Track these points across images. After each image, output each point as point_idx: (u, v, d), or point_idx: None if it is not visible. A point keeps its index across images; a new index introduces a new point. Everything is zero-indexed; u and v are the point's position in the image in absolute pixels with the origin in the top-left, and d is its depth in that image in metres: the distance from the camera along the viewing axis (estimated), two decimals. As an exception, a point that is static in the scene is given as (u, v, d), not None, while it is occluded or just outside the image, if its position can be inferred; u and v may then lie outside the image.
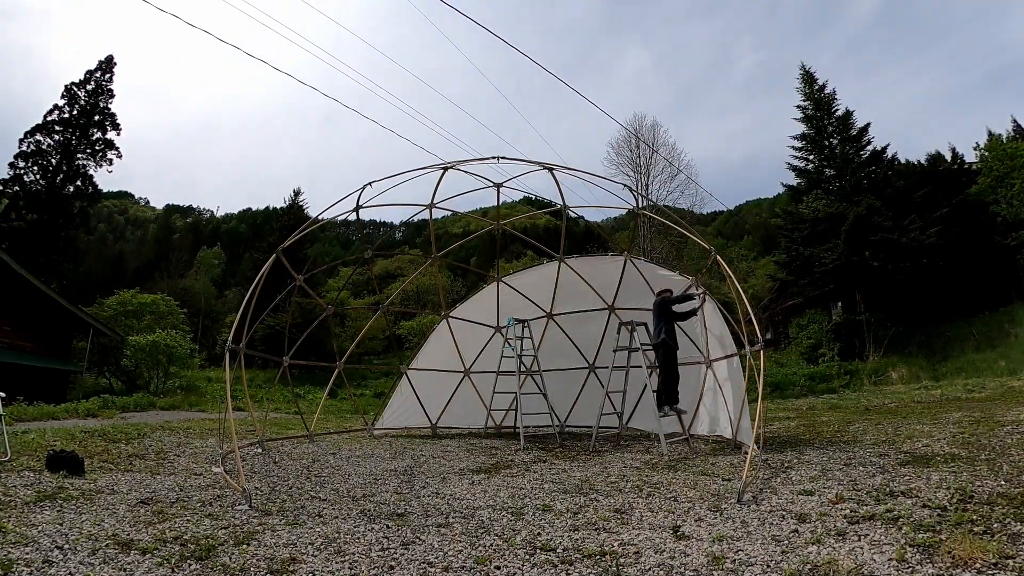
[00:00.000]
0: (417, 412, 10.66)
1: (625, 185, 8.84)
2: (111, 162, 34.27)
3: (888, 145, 26.79)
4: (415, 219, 41.01)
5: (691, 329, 8.70)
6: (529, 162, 8.45)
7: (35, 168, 32.12)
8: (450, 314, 11.04)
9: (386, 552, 3.34)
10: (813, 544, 3.21)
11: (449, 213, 11.68)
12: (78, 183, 32.99)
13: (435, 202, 9.34)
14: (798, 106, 28.50)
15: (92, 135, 33.71)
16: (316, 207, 53.49)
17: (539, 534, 3.71)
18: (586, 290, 10.17)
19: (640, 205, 10.50)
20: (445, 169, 8.49)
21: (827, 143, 27.28)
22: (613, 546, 3.40)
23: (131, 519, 3.90)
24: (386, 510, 4.43)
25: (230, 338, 6.74)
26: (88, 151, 33.49)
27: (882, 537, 3.21)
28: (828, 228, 23.90)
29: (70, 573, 2.87)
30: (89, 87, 34.39)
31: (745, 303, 6.34)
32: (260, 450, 7.75)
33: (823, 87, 27.96)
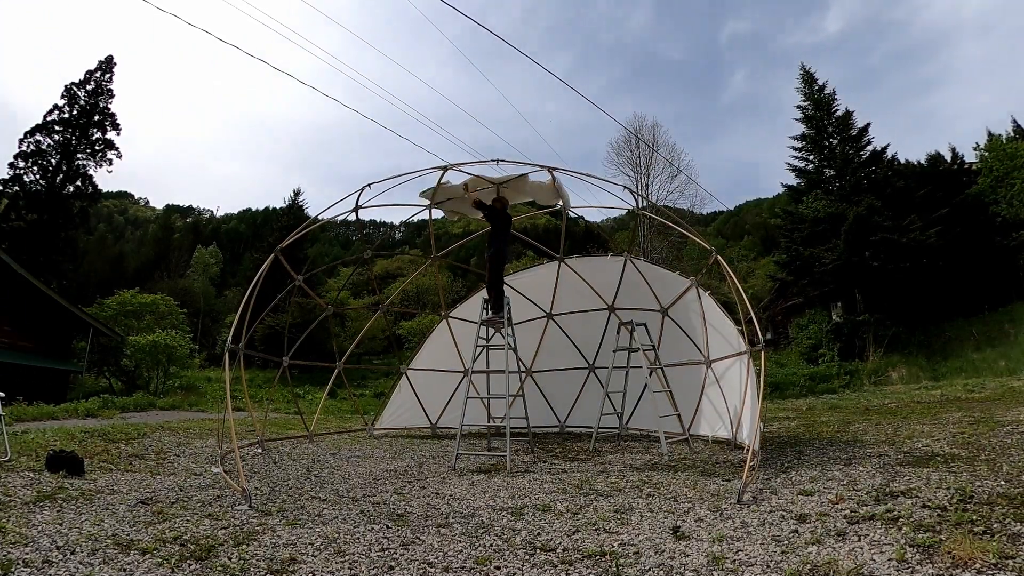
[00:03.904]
0: (417, 412, 10.67)
1: (625, 186, 8.83)
2: (111, 162, 34.30)
3: (888, 145, 26.82)
4: (415, 219, 41.04)
5: (692, 329, 8.71)
6: (529, 164, 8.46)
7: (35, 168, 32.11)
8: (450, 314, 11.04)
9: (386, 552, 3.34)
10: (813, 544, 3.20)
11: (449, 213, 11.67)
12: (78, 183, 32.98)
13: (435, 202, 9.34)
14: (798, 106, 28.52)
15: (92, 135, 33.70)
16: (316, 207, 53.59)
17: (539, 534, 3.70)
18: (586, 290, 10.17)
19: (640, 205, 10.49)
20: (445, 170, 8.49)
21: (827, 143, 27.27)
22: (613, 546, 3.40)
23: (131, 519, 3.90)
24: (386, 510, 4.43)
25: (229, 338, 6.74)
26: (88, 151, 33.48)
27: (882, 537, 3.21)
28: (828, 228, 23.90)
29: (70, 573, 2.87)
30: (89, 87, 34.40)
31: (746, 303, 6.33)
32: (260, 450, 7.75)
33: (823, 87, 27.98)
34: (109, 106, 34.64)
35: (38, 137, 32.57)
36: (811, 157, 27.81)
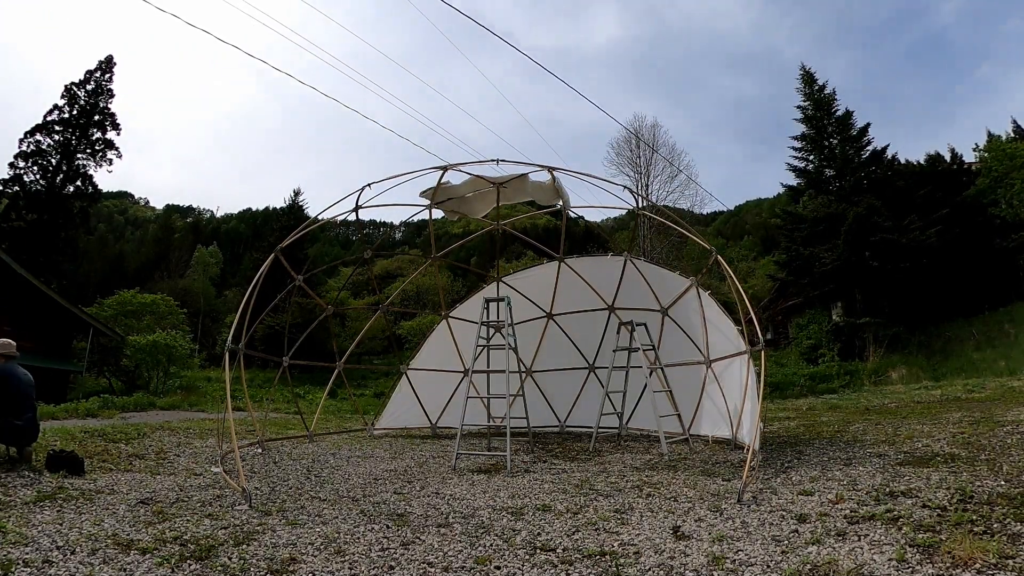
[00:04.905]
0: (417, 412, 10.66)
1: (625, 187, 8.83)
2: (111, 162, 34.25)
3: (888, 145, 26.80)
4: (415, 219, 41.06)
5: (692, 329, 8.71)
6: (529, 164, 8.47)
7: (35, 168, 32.08)
8: (450, 314, 11.04)
9: (386, 552, 3.34)
10: (813, 544, 3.21)
11: (449, 213, 11.66)
12: (78, 183, 32.95)
13: (435, 202, 9.34)
14: (798, 106, 28.49)
15: (92, 135, 33.68)
16: (316, 207, 53.58)
17: (539, 534, 3.71)
18: (586, 290, 10.17)
19: (640, 205, 10.50)
20: (444, 169, 8.49)
21: (827, 143, 27.26)
22: (613, 546, 3.40)
23: (131, 519, 3.90)
24: (386, 510, 4.43)
25: (229, 338, 6.74)
26: (88, 151, 33.45)
27: (882, 537, 3.21)
28: (828, 228, 23.88)
29: (70, 573, 2.87)
30: (89, 87, 34.37)
31: (746, 303, 6.34)
32: (260, 450, 7.75)
33: (823, 87, 27.97)
34: (109, 106, 34.63)
35: (38, 137, 32.55)
36: (811, 157, 27.81)
